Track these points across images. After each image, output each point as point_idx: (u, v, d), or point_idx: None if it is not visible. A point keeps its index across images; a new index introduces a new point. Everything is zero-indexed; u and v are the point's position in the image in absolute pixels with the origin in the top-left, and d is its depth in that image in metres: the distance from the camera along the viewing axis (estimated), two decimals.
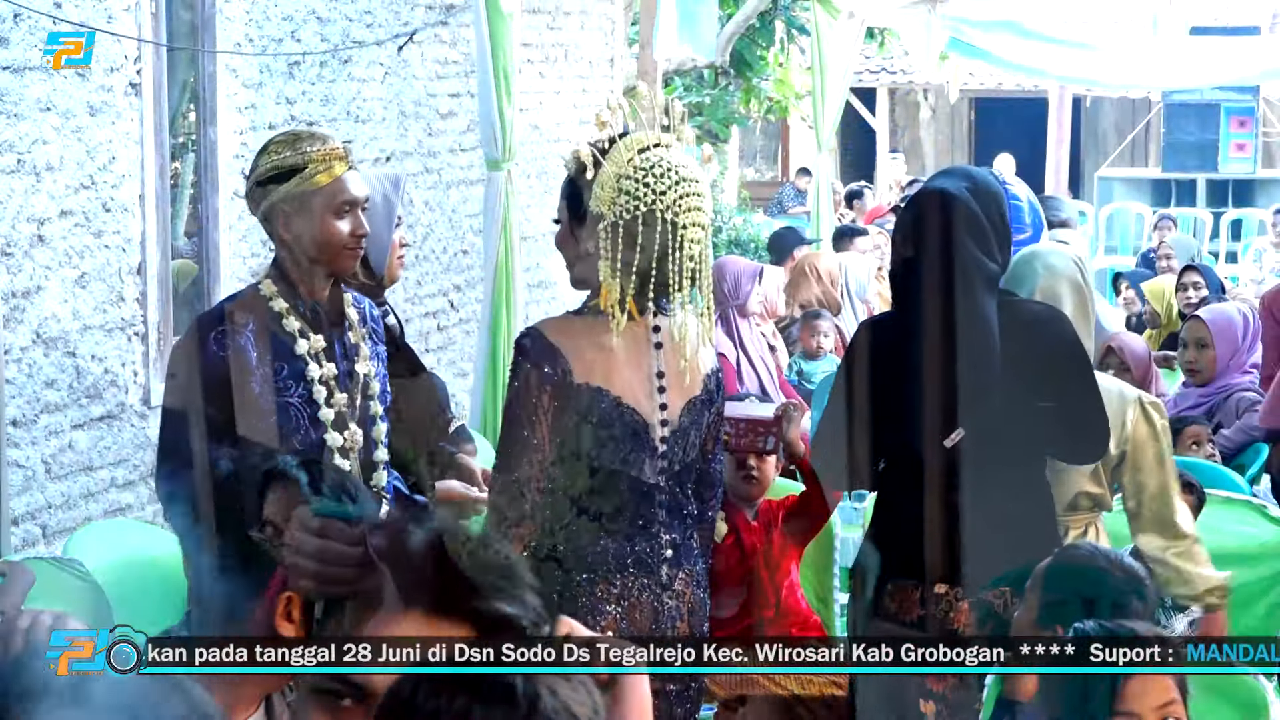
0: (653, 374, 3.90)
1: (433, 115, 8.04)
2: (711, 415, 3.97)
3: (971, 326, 4.26)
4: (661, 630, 3.89)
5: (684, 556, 3.95)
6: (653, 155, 3.85)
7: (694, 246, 3.83)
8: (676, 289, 3.83)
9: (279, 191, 4.05)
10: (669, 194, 3.81)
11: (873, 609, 4.30)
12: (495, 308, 6.70)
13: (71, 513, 5.39)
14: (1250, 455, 7.17)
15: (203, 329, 4.05)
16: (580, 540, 3.93)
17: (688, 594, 3.94)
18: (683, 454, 3.93)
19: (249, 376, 3.97)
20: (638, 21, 11.26)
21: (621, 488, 3.90)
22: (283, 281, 4.07)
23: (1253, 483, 6.82)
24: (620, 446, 3.87)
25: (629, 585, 3.92)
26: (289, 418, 4.00)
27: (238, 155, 6.34)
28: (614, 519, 3.93)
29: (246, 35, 6.40)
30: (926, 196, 4.37)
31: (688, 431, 3.92)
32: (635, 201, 3.79)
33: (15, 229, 5.13)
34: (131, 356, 5.70)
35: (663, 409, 3.90)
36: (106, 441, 5.57)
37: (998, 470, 4.32)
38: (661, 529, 3.92)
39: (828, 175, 11.85)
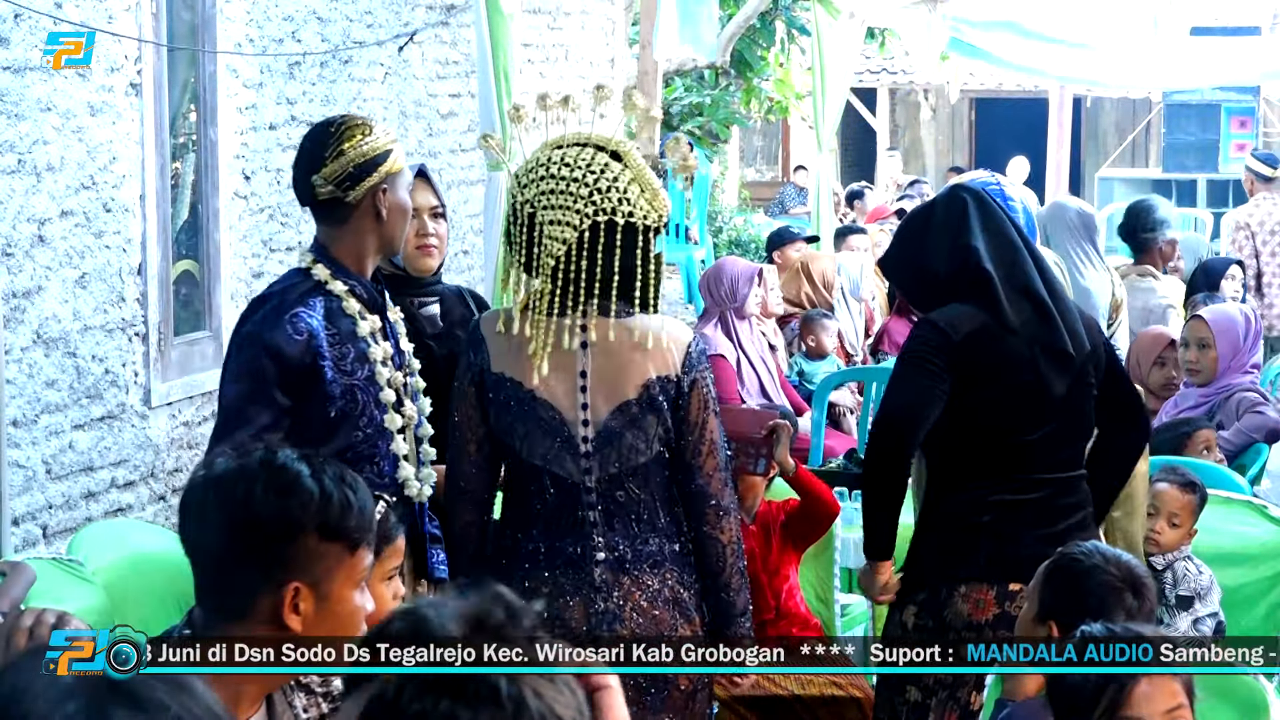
0: (577, 373, 3.91)
1: (433, 115, 8.04)
2: (664, 424, 3.90)
3: (1068, 314, 4.37)
4: (594, 634, 3.89)
5: (634, 563, 3.91)
6: (545, 153, 3.95)
7: (553, 244, 3.85)
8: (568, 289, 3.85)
9: (380, 172, 4.10)
10: (530, 188, 3.92)
11: (938, 611, 4.28)
12: (495, 307, 6.69)
13: (71, 513, 5.39)
14: (1250, 455, 7.17)
15: (273, 311, 4.03)
16: (509, 532, 4.01)
17: (635, 599, 3.90)
18: (619, 458, 3.90)
19: (322, 360, 4.00)
20: (638, 21, 11.27)
21: (546, 484, 3.94)
22: (333, 264, 4.09)
23: (1253, 483, 6.82)
24: (540, 442, 3.92)
25: (559, 583, 3.94)
26: (356, 400, 4.04)
27: (238, 155, 6.34)
28: (540, 515, 3.97)
29: (247, 35, 6.40)
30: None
31: (620, 435, 3.89)
32: (510, 197, 3.99)
33: (15, 229, 5.12)
34: (131, 356, 5.70)
35: (584, 409, 3.91)
36: (107, 441, 5.57)
37: (1075, 463, 4.41)
38: (594, 530, 3.92)
39: (828, 175, 11.84)
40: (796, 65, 17.52)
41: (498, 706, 1.79)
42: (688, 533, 3.99)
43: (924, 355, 4.29)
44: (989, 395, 4.27)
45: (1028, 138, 21.93)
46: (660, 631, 3.91)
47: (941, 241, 4.40)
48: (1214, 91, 19.16)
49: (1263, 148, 21.53)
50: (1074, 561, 3.68)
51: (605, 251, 3.86)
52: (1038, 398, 4.29)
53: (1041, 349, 4.30)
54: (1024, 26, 14.49)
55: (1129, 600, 3.60)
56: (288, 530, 2.62)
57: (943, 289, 4.37)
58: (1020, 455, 4.29)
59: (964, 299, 4.33)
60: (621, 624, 3.91)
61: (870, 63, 22.76)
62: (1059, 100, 18.73)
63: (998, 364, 4.26)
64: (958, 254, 4.36)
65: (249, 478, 2.63)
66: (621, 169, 3.90)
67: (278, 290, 4.09)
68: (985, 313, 4.30)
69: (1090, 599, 3.54)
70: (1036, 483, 4.32)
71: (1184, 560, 5.27)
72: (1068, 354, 4.33)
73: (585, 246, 3.87)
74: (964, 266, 4.35)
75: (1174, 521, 5.28)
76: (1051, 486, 4.34)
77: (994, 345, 4.27)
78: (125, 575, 4.61)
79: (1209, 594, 5.22)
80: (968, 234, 4.37)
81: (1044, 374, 4.30)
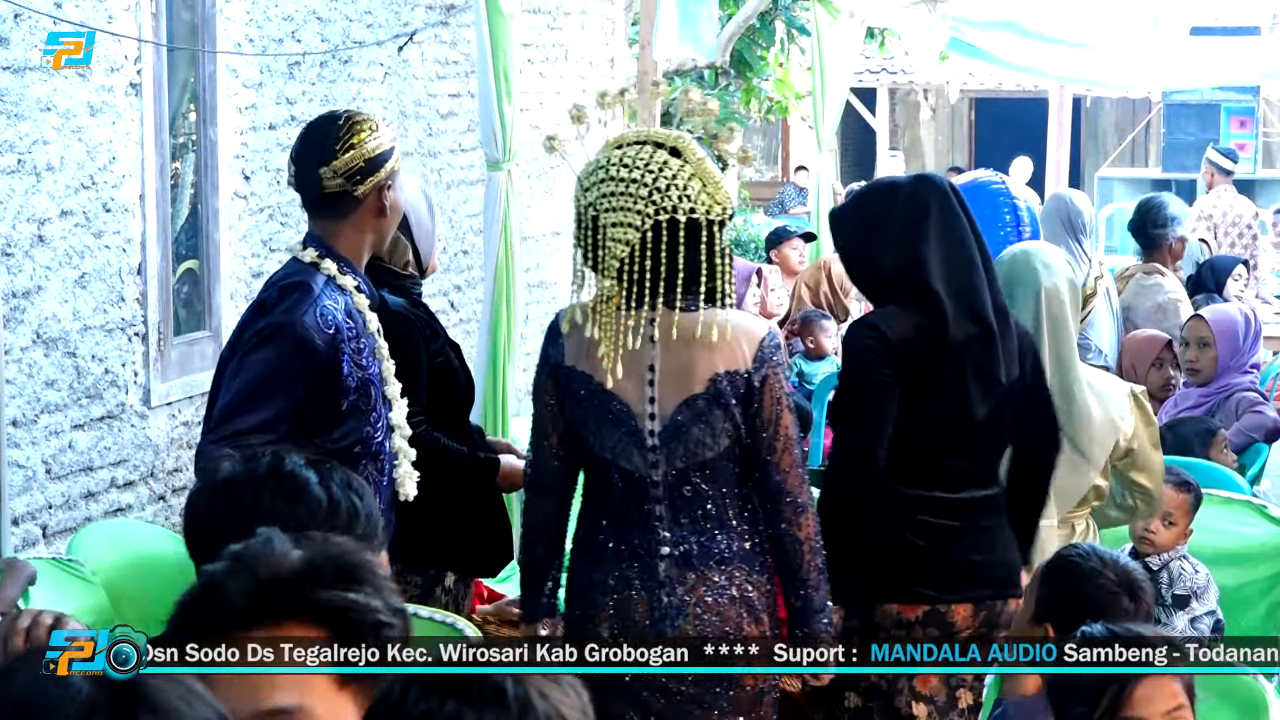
0: (645, 367, 3.91)
1: (433, 115, 8.04)
2: (733, 420, 3.89)
3: (1008, 337, 4.33)
4: (658, 630, 3.89)
5: (701, 559, 3.90)
6: (605, 154, 3.97)
7: (616, 246, 3.86)
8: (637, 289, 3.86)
9: (386, 168, 4.10)
10: (592, 190, 3.93)
11: (866, 614, 4.26)
12: (495, 308, 6.70)
13: (71, 513, 5.39)
14: (1251, 455, 7.18)
15: (299, 302, 4.01)
16: (583, 525, 4.02)
17: (700, 595, 3.89)
18: (686, 452, 3.91)
19: (342, 355, 4.00)
20: (638, 21, 11.25)
21: (615, 478, 3.95)
22: (339, 259, 4.09)
23: (1253, 483, 6.82)
24: (609, 435, 3.94)
25: (626, 577, 3.94)
26: (368, 395, 4.05)
27: (238, 155, 6.34)
28: (609, 508, 3.97)
29: (246, 35, 6.40)
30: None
31: (687, 429, 3.90)
32: (576, 199, 3.99)
33: (15, 229, 5.13)
34: (131, 356, 5.70)
35: (651, 403, 3.91)
36: (106, 442, 5.57)
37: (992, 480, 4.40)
38: (660, 525, 3.92)
39: (828, 175, 11.84)
40: (796, 65, 17.50)
41: (503, 707, 1.80)
42: (762, 530, 3.96)
43: (872, 364, 4.19)
44: (913, 406, 4.18)
45: (1028, 138, 21.93)
46: (725, 630, 3.88)
47: (894, 242, 4.26)
48: (1214, 91, 19.15)
49: (1263, 148, 21.55)
50: (1071, 564, 3.68)
51: (669, 249, 3.86)
52: (960, 417, 4.21)
53: (974, 370, 4.21)
54: (1024, 26, 14.48)
55: (1125, 603, 3.60)
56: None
57: (887, 288, 4.26)
58: (939, 473, 4.22)
59: (908, 303, 4.23)
60: (686, 619, 3.89)
61: (870, 63, 22.76)
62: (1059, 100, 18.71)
63: (928, 375, 4.16)
64: (908, 260, 4.24)
65: (257, 484, 2.63)
66: (681, 165, 3.89)
67: (301, 280, 4.06)
68: (928, 322, 4.20)
69: (1087, 602, 3.54)
70: (955, 504, 4.26)
71: (1180, 560, 5.27)
72: (997, 380, 4.25)
73: (649, 245, 3.86)
74: (912, 274, 4.23)
75: (1169, 521, 5.29)
76: (970, 507, 4.30)
77: (929, 356, 4.15)
78: (125, 575, 4.61)
79: (1206, 593, 5.22)
80: (922, 243, 4.24)
81: (970, 396, 4.21)
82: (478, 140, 7.53)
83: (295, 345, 3.95)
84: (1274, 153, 23.62)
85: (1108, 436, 4.85)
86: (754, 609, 3.92)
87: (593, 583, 3.98)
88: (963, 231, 4.30)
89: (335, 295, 4.05)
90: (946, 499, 4.23)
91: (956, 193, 4.38)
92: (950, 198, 4.33)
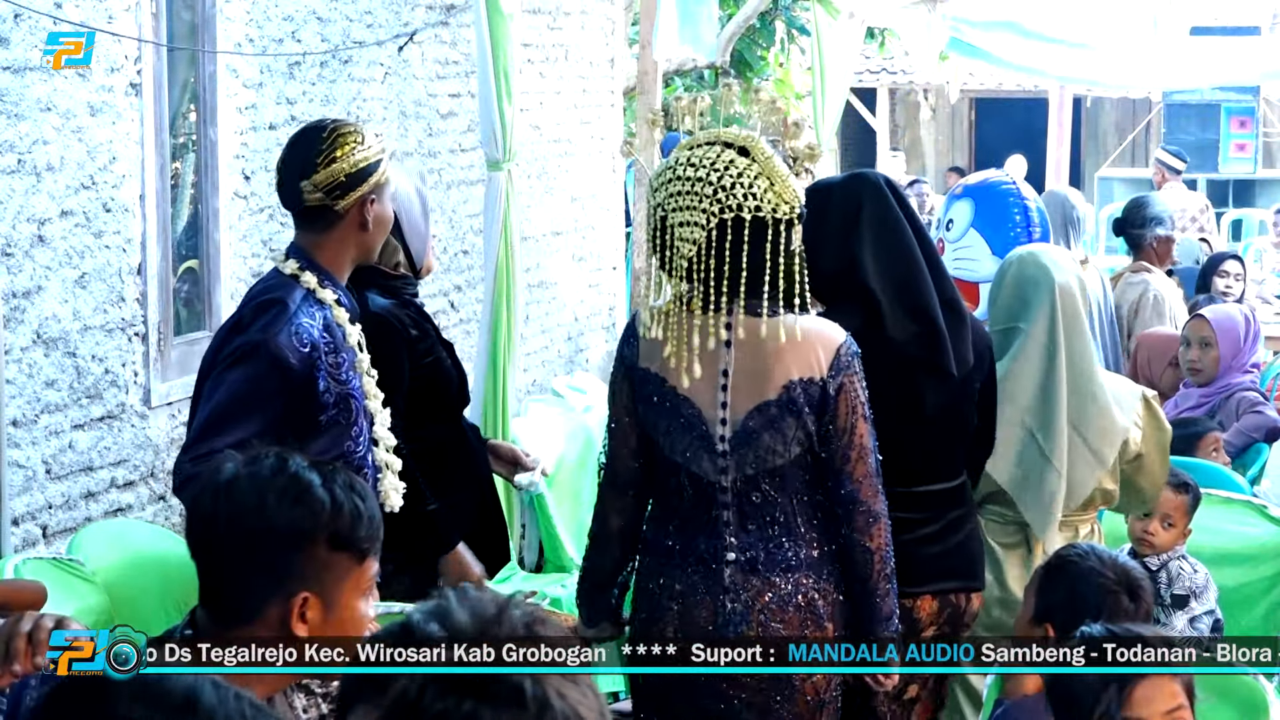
0: (718, 371, 3.89)
1: (433, 115, 8.04)
2: (805, 428, 3.85)
3: (960, 329, 4.33)
4: (721, 634, 3.86)
5: (766, 566, 3.86)
6: (676, 155, 3.94)
7: (683, 245, 3.84)
8: (703, 288, 3.84)
9: (370, 182, 4.09)
10: (660, 192, 3.90)
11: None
12: (495, 308, 6.70)
13: (71, 513, 5.39)
14: (1251, 455, 7.18)
15: (276, 320, 4.00)
16: (651, 528, 4.01)
17: (764, 601, 3.86)
18: (756, 459, 3.87)
19: (318, 371, 3.98)
20: (638, 21, 11.25)
21: (684, 482, 3.93)
22: (320, 272, 4.07)
23: (1253, 483, 6.83)
24: (679, 438, 3.91)
25: (691, 582, 3.92)
26: (349, 409, 4.03)
27: (238, 155, 6.35)
28: (678, 512, 3.95)
29: (246, 35, 6.40)
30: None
31: (758, 435, 3.86)
32: (647, 200, 3.97)
33: (15, 229, 5.13)
34: (131, 356, 5.70)
35: (723, 407, 3.89)
36: (106, 442, 5.57)
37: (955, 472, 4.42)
38: (726, 530, 3.89)
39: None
40: (796, 65, 17.51)
41: (521, 707, 1.79)
42: (831, 538, 3.92)
43: None
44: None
45: (1028, 138, 21.92)
46: (786, 636, 3.85)
47: (830, 239, 4.24)
48: (1214, 91, 19.15)
49: (1263, 148, 21.54)
50: (1070, 564, 3.68)
51: (733, 248, 3.82)
52: (910, 415, 4.20)
53: (921, 365, 4.21)
54: (1024, 26, 14.49)
55: (1125, 603, 3.60)
56: (298, 540, 2.63)
57: (826, 287, 4.21)
58: (897, 469, 4.16)
59: (848, 305, 4.21)
60: (749, 625, 3.85)
61: (870, 63, 22.75)
62: (1059, 100, 18.71)
63: (871, 375, 4.06)
64: (844, 258, 4.24)
65: (261, 486, 2.63)
66: (748, 164, 3.86)
67: (277, 296, 4.04)
68: (866, 322, 4.18)
69: (1086, 601, 3.54)
70: (914, 498, 4.24)
71: (1178, 560, 5.28)
72: (949, 373, 4.24)
73: (714, 245, 3.83)
74: (849, 274, 4.23)
75: (1168, 522, 5.29)
76: (930, 500, 4.29)
77: (870, 356, 4.05)
78: (125, 575, 4.62)
79: (1205, 593, 5.22)
80: (856, 241, 4.24)
81: (919, 389, 4.21)
82: (478, 140, 7.53)
83: (270, 364, 3.94)
84: (1274, 153, 23.61)
85: (1118, 438, 4.85)
86: (818, 616, 3.87)
87: (659, 586, 3.95)
88: (898, 226, 4.27)
89: (313, 310, 4.03)
90: (906, 494, 4.21)
91: (893, 187, 4.36)
92: (884, 192, 4.31)
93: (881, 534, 3.89)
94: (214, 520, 2.64)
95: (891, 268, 4.24)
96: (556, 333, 9.63)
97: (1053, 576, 3.70)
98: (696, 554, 3.91)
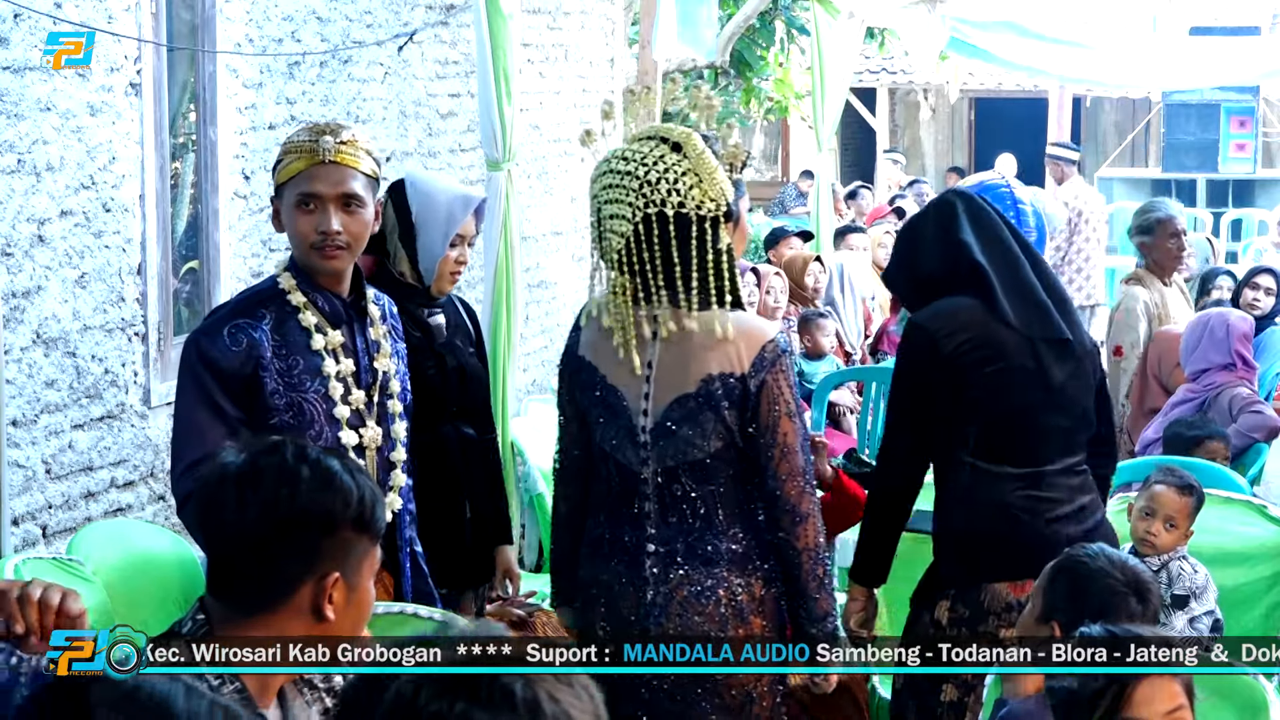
0: (644, 363, 3.93)
1: (433, 115, 8.04)
2: (724, 423, 3.88)
3: (1067, 308, 4.46)
4: (643, 626, 3.88)
5: (686, 558, 3.89)
6: (616, 149, 4.00)
7: (613, 238, 3.89)
8: (640, 281, 3.89)
9: (274, 180, 4.09)
10: (596, 184, 3.96)
11: (975, 600, 4.29)
12: (495, 308, 6.70)
13: (71, 513, 5.39)
14: (1251, 455, 7.19)
15: (218, 321, 4.03)
16: (591, 516, 4.04)
17: (682, 595, 3.88)
18: (676, 451, 3.90)
19: (263, 371, 3.96)
20: (638, 21, 11.25)
21: (612, 471, 3.98)
22: (300, 275, 4.06)
23: (1253, 483, 6.84)
24: (608, 428, 3.96)
25: (616, 572, 3.95)
26: (304, 414, 4.00)
27: (238, 155, 6.34)
28: (607, 502, 4.00)
29: (246, 35, 6.40)
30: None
31: (677, 427, 3.89)
32: (590, 192, 4.02)
33: (15, 229, 5.12)
34: (131, 356, 5.70)
35: (646, 399, 3.92)
36: (106, 441, 5.57)
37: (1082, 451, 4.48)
38: (648, 522, 3.93)
39: (828, 175, 11.84)
40: (796, 65, 17.51)
41: (512, 710, 1.80)
42: (760, 535, 3.94)
43: (917, 374, 4.30)
44: (992, 386, 4.28)
45: (1027, 137, 21.93)
46: (706, 631, 3.86)
47: (934, 242, 4.43)
48: (1214, 91, 19.16)
49: (1262, 148, 21.55)
50: (1079, 563, 3.68)
51: (661, 243, 3.86)
52: (1040, 385, 4.30)
53: (1040, 338, 4.32)
54: (1024, 26, 14.52)
55: (1133, 604, 3.60)
56: (329, 524, 2.69)
57: (939, 289, 4.38)
58: (1032, 446, 4.29)
59: (958, 292, 4.35)
60: (667, 618, 3.88)
61: (870, 63, 22.76)
62: (1059, 100, 18.73)
63: (994, 353, 4.27)
64: (950, 251, 4.40)
65: (290, 473, 2.68)
66: (679, 159, 3.89)
67: (234, 299, 4.12)
68: (980, 303, 4.32)
69: (1094, 601, 3.54)
70: (1053, 475, 4.32)
71: (1179, 560, 5.28)
72: (1066, 341, 4.35)
73: (642, 239, 3.87)
74: (958, 263, 4.38)
75: (1171, 523, 5.29)
76: (1066, 476, 4.34)
77: (989, 335, 4.27)
78: (125, 575, 4.61)
79: (1205, 593, 5.23)
80: (958, 231, 4.41)
81: (1043, 361, 4.32)
82: (478, 140, 7.53)
83: (198, 360, 3.97)
84: (1274, 153, 23.62)
85: None
86: (741, 611, 3.89)
87: (590, 575, 4.01)
88: (992, 222, 4.47)
89: (266, 312, 4.01)
90: (1038, 474, 4.29)
91: (980, 199, 4.57)
92: (974, 199, 4.53)
93: (809, 533, 3.90)
94: (242, 509, 2.67)
95: (992, 248, 4.39)
96: (556, 333, 9.63)
97: (1061, 576, 3.69)
98: (621, 544, 3.95)
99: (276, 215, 4.09)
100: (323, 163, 4.00)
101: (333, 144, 4.01)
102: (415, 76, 7.83)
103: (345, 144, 4.04)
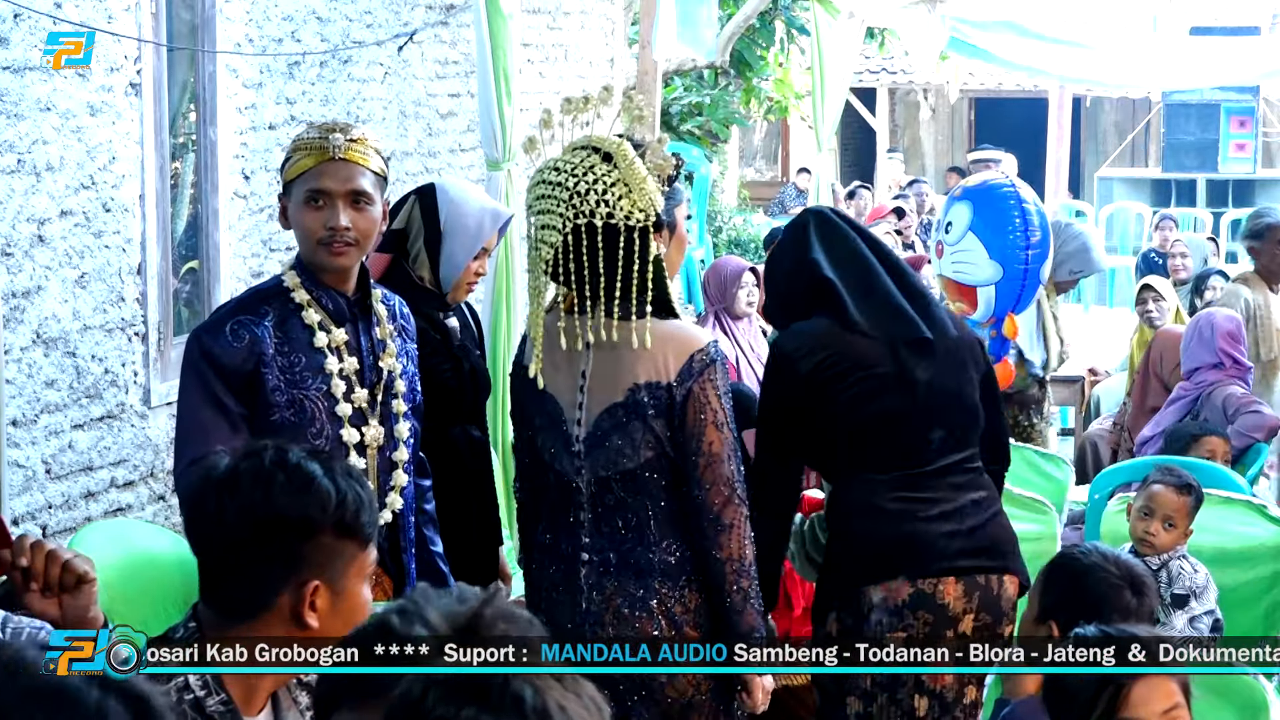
0: (578, 372, 3.94)
1: (433, 115, 8.04)
2: (653, 432, 3.86)
3: (927, 306, 4.45)
4: (579, 634, 3.87)
5: (619, 568, 3.89)
6: (551, 160, 3.98)
7: (544, 248, 3.89)
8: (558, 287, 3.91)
9: (282, 178, 4.09)
10: (530, 194, 3.97)
11: (856, 609, 4.26)
12: (495, 308, 6.71)
13: (71, 513, 5.39)
14: (1251, 455, 7.19)
15: (221, 318, 4.04)
16: (532, 527, 4.05)
17: (615, 605, 3.87)
18: (607, 460, 3.90)
19: (264, 367, 3.96)
20: (638, 21, 11.26)
21: (551, 480, 4.00)
22: (305, 273, 4.06)
23: (1253, 483, 6.84)
24: (546, 436, 3.98)
25: (554, 580, 3.96)
26: (304, 411, 4.00)
27: (238, 155, 6.35)
28: (547, 510, 4.02)
29: (246, 35, 6.40)
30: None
31: (608, 437, 3.89)
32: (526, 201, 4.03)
33: (15, 229, 5.13)
34: (131, 356, 5.70)
35: (579, 408, 3.93)
36: (106, 441, 5.57)
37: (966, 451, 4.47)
38: (582, 531, 3.94)
39: (828, 175, 11.85)
40: (796, 65, 17.51)
41: (520, 716, 1.80)
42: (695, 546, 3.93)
43: (780, 396, 4.32)
44: (854, 396, 4.26)
45: (1027, 137, 21.93)
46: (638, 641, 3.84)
47: (791, 263, 4.46)
48: (1214, 91, 19.17)
49: (1262, 148, 21.54)
50: (1073, 561, 3.68)
51: (590, 253, 3.86)
52: (904, 388, 4.28)
53: (900, 340, 4.31)
54: (1024, 26, 14.52)
55: (1129, 599, 3.60)
56: (306, 529, 2.65)
57: (798, 307, 4.41)
58: (902, 450, 4.27)
59: (814, 311, 4.37)
60: (602, 627, 3.89)
61: (870, 63, 22.76)
62: (1059, 100, 18.74)
63: (852, 364, 4.26)
64: (803, 271, 4.42)
65: (266, 477, 2.65)
66: (608, 170, 3.88)
67: (239, 296, 4.12)
68: (832, 319, 4.33)
69: (1090, 598, 3.54)
70: (930, 475, 4.29)
71: (1179, 559, 5.28)
72: (926, 340, 4.32)
73: (571, 249, 3.87)
74: (810, 282, 4.40)
75: (1169, 523, 5.29)
76: (948, 475, 4.31)
77: (845, 349, 4.27)
78: (125, 575, 4.61)
79: (1205, 592, 5.23)
80: (809, 250, 4.43)
81: (905, 363, 4.29)
82: (478, 140, 7.54)
83: (202, 358, 3.97)
84: (1274, 153, 23.62)
85: None
86: (675, 622, 3.87)
87: (533, 582, 4.05)
88: (845, 233, 4.48)
89: (269, 309, 4.02)
90: (912, 475, 4.25)
91: (838, 214, 4.60)
92: (829, 214, 4.56)
93: (734, 544, 3.85)
94: (221, 514, 2.65)
95: (846, 264, 4.40)
96: None
97: (1057, 574, 3.69)
98: (559, 552, 3.96)
99: (284, 213, 4.09)
100: (332, 159, 4.01)
101: (343, 141, 4.02)
102: (415, 76, 7.84)
103: (355, 142, 4.05)
